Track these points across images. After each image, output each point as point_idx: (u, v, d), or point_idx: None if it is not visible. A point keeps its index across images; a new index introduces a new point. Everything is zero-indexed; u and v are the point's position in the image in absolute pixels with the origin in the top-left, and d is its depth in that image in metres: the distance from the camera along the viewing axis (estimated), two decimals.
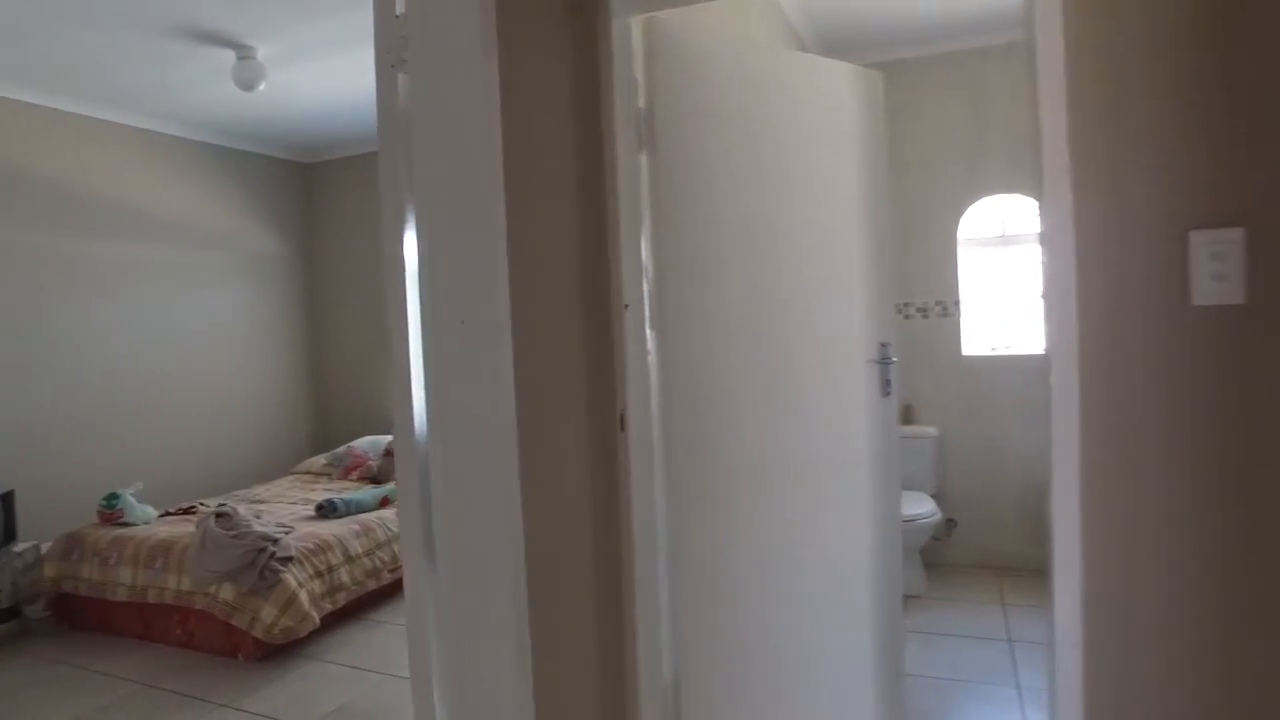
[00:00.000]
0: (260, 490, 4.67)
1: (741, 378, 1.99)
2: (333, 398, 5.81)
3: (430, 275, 1.35)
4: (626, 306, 1.69)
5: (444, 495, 1.35)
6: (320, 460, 5.15)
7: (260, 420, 5.41)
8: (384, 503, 4.13)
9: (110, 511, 3.82)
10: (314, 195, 5.82)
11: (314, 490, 4.63)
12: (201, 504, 4.25)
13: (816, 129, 2.18)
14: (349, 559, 3.66)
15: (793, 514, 2.07)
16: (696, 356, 1.91)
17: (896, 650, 2.35)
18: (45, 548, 3.83)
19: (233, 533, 3.34)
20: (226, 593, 3.25)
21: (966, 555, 3.92)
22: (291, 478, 5.04)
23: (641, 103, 1.81)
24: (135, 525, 3.80)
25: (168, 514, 4.04)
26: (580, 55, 1.69)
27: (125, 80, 4.02)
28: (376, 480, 4.70)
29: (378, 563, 3.81)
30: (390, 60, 1.32)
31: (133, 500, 3.86)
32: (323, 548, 3.55)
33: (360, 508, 3.99)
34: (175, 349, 4.86)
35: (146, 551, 3.52)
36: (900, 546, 2.39)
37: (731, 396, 1.97)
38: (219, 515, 3.47)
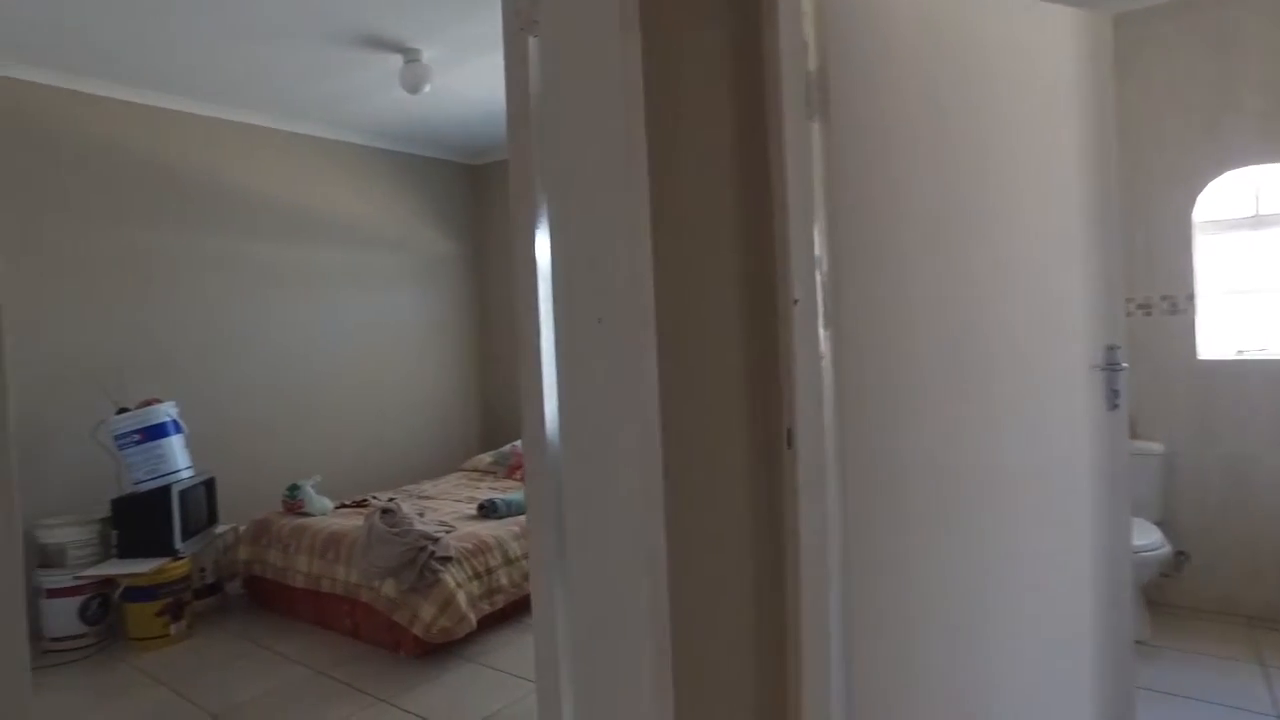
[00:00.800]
0: (428, 486, 4.79)
1: (928, 385, 1.69)
2: (500, 396, 5.91)
3: (563, 264, 1.17)
4: (796, 302, 1.44)
5: (577, 514, 1.18)
6: (486, 458, 5.23)
7: (431, 417, 5.58)
8: None
9: (292, 501, 4.01)
10: (481, 196, 5.94)
11: (478, 488, 4.68)
12: (373, 497, 4.40)
13: (1024, 90, 1.83)
14: (508, 561, 3.62)
15: (992, 544, 1.74)
16: (875, 361, 1.62)
17: (1125, 712, 1.94)
18: (244, 528, 4.08)
19: (395, 530, 3.38)
20: (389, 589, 3.29)
21: (1202, 598, 3.31)
22: (459, 474, 5.15)
23: (812, 66, 1.55)
24: (313, 515, 3.97)
25: (343, 506, 4.20)
26: (739, 15, 1.46)
27: (300, 91, 4.23)
28: None
29: None
30: (519, 22, 1.16)
31: (312, 492, 4.04)
32: (482, 549, 3.53)
33: (520, 509, 3.96)
34: (352, 348, 5.09)
35: (321, 542, 3.66)
36: (1131, 584, 1.98)
37: (916, 407, 1.67)
38: (384, 511, 3.53)
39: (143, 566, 3.46)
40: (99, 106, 3.94)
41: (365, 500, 4.27)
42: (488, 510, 3.93)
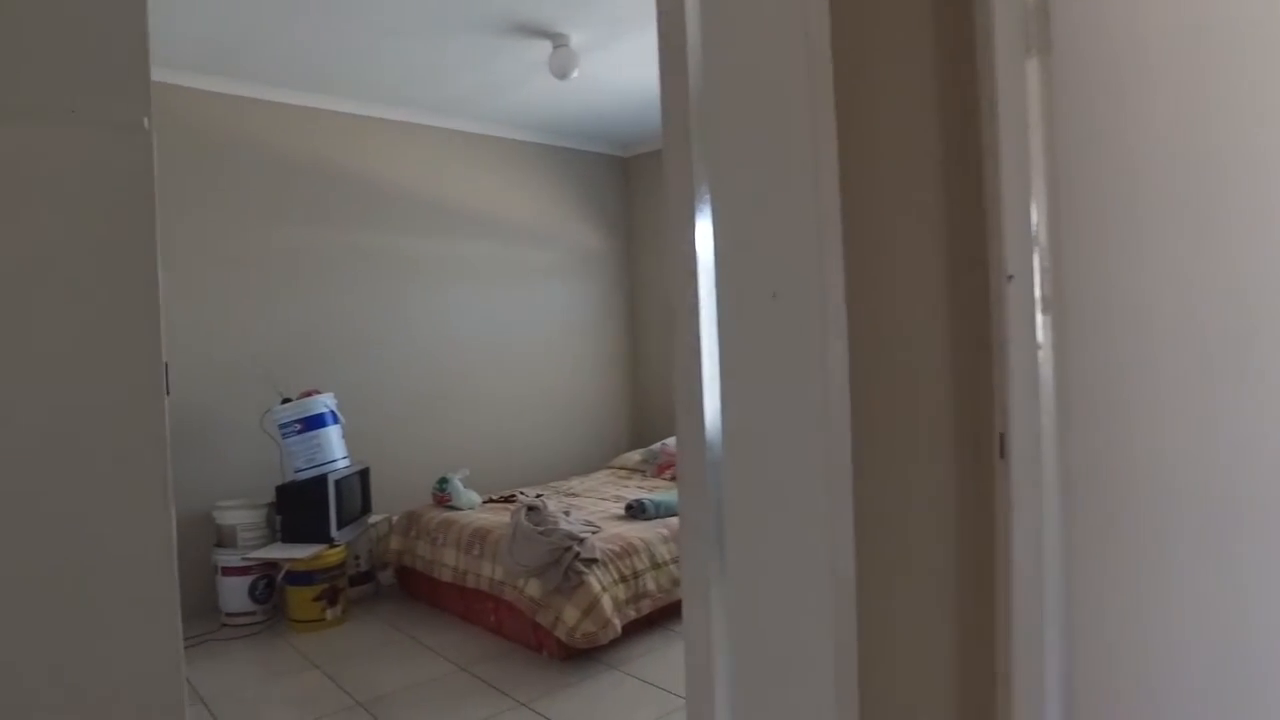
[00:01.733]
0: (575, 483, 4.72)
1: (1177, 384, 1.35)
2: (651, 393, 5.78)
3: (729, 231, 0.97)
4: (1010, 278, 1.16)
5: (741, 526, 0.97)
6: (635, 456, 5.11)
7: (580, 413, 5.53)
8: None
9: (441, 494, 4.04)
10: (633, 189, 5.83)
11: (626, 487, 4.56)
12: (520, 493, 4.37)
13: None
14: (656, 565, 3.46)
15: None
16: (1107, 354, 1.31)
17: None
18: (395, 519, 4.16)
19: (540, 528, 3.29)
20: (533, 588, 3.20)
21: None
22: (607, 472, 5.06)
23: None
24: (461, 509, 3.97)
25: (490, 500, 4.19)
26: None
27: (449, 86, 4.26)
28: None
29: None
30: None
31: (460, 485, 4.05)
32: (628, 551, 3.39)
33: (669, 510, 3.79)
34: (503, 343, 5.11)
35: (467, 537, 3.64)
36: None
37: (1159, 412, 1.33)
38: (530, 509, 3.46)
39: (301, 552, 3.57)
40: (258, 110, 4.12)
41: (513, 495, 4.25)
42: (635, 511, 3.79)
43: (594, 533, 3.45)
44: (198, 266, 3.91)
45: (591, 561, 3.22)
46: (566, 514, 3.60)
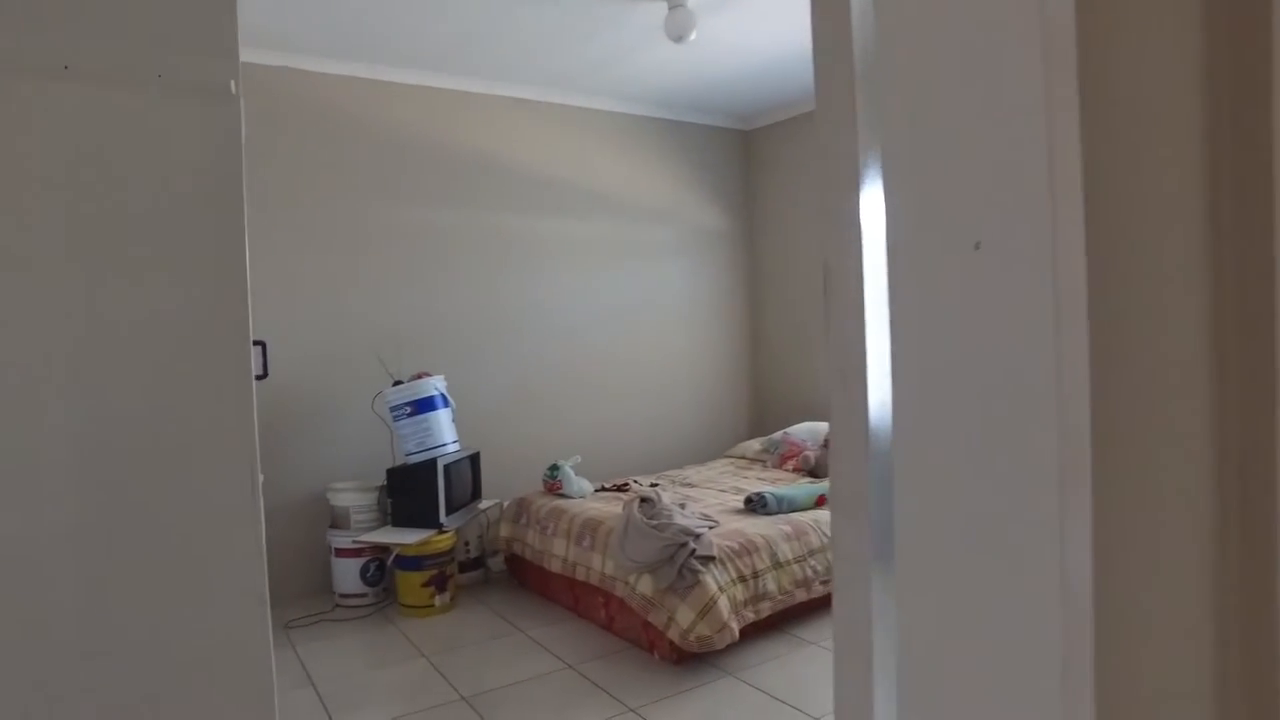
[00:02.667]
0: (691, 473, 4.48)
1: None
2: (771, 378, 5.47)
3: (913, 180, 0.69)
4: None
5: (920, 531, 0.70)
6: (755, 445, 4.82)
7: (697, 399, 5.29)
8: (820, 501, 3.58)
9: (552, 481, 3.89)
10: (754, 164, 5.50)
11: (745, 478, 4.29)
12: (633, 481, 4.18)
13: None
14: (777, 564, 3.18)
15: None
16: None
17: None
18: (506, 505, 4.05)
19: (654, 522, 3.07)
20: (645, 586, 2.99)
21: None
22: (725, 461, 4.79)
23: None
24: (572, 498, 3.81)
25: (602, 489, 4.01)
26: None
27: (563, 59, 4.09)
28: (814, 474, 4.18)
29: (809, 571, 3.27)
30: None
31: (571, 472, 3.88)
32: (748, 549, 3.12)
33: (793, 505, 3.50)
34: (616, 325, 4.92)
35: (578, 528, 3.46)
36: None
37: None
38: (643, 500, 3.24)
39: (410, 537, 3.49)
40: (370, 90, 4.06)
41: (626, 484, 4.06)
42: (756, 505, 3.51)
43: (711, 528, 3.20)
44: (315, 249, 3.91)
45: (708, 559, 2.97)
46: (682, 506, 3.36)
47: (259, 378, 1.88)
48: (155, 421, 1.61)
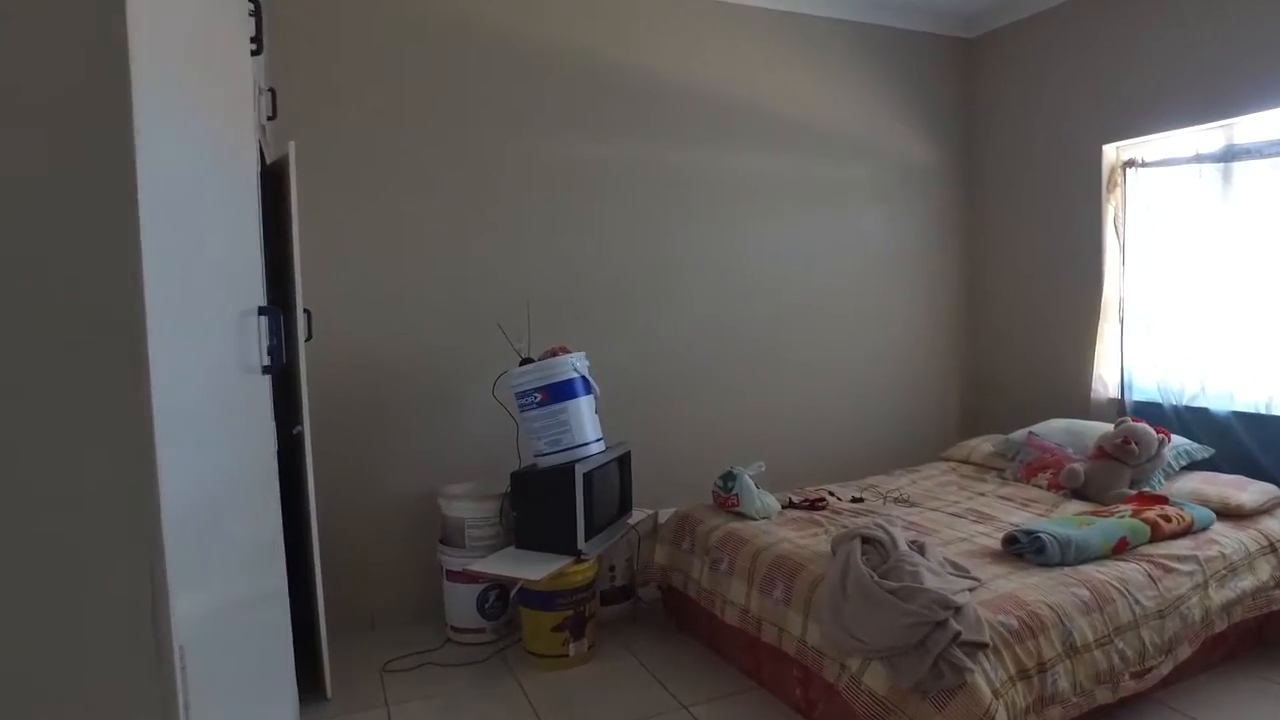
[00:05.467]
0: (904, 482, 3.37)
1: None
2: (994, 357, 4.22)
3: None
4: None
5: None
6: (985, 447, 3.64)
7: (900, 383, 4.14)
8: (1121, 546, 2.41)
9: (725, 495, 2.90)
10: (979, 79, 4.22)
11: (981, 495, 3.15)
12: (831, 494, 3.13)
13: None
14: (1070, 650, 2.07)
15: None
16: None
17: None
18: (662, 520, 3.11)
19: (892, 584, 2.03)
20: (875, 680, 1.96)
21: None
22: (943, 466, 3.64)
23: None
24: (753, 519, 2.82)
25: (790, 504, 2.99)
26: None
27: None
28: (1084, 496, 2.99)
29: (1114, 660, 2.13)
30: None
31: (752, 484, 2.88)
32: (1032, 628, 2.03)
33: (1083, 552, 2.35)
34: (798, 287, 3.85)
35: (765, 568, 2.47)
36: None
37: None
38: (866, 540, 2.20)
39: (538, 567, 2.61)
40: None
41: (822, 499, 3.02)
42: (1026, 549, 2.39)
43: (971, 589, 2.12)
44: (430, 191, 3.11)
45: (978, 647, 1.91)
46: (921, 549, 2.28)
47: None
48: None
